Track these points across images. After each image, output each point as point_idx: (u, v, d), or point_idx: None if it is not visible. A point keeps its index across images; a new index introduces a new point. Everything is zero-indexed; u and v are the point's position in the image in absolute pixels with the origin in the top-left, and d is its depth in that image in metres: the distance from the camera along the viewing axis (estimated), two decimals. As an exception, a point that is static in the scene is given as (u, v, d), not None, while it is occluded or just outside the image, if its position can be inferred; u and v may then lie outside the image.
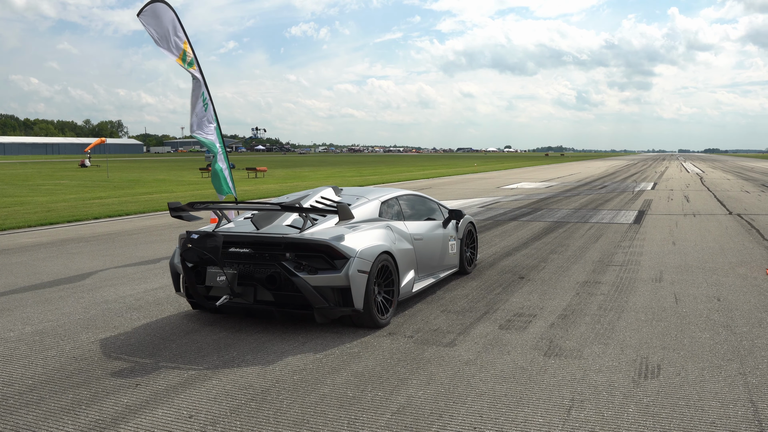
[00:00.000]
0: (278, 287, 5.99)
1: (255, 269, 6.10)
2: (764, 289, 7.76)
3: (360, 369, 5.06)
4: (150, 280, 8.59)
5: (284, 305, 6.06)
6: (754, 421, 4.07)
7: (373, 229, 6.70)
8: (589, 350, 5.47)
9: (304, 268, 5.95)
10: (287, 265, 5.92)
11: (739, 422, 4.05)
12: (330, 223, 6.64)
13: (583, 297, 7.39)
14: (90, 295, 7.69)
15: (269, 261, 6.03)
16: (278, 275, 5.97)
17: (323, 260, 5.98)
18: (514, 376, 4.85)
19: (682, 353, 5.39)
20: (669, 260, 9.77)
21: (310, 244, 6.01)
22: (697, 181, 34.81)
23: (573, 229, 13.64)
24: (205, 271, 6.27)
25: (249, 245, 6.18)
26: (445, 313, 6.75)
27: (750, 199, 21.87)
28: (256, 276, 6.07)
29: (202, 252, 5.95)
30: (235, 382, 4.80)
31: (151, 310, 7.00)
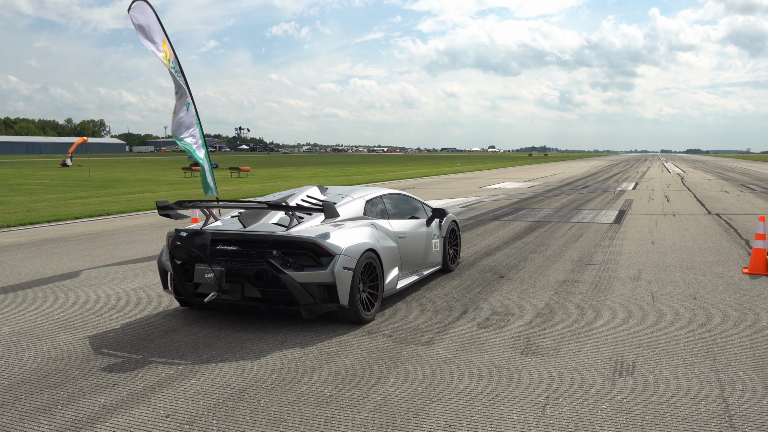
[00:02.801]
0: (265, 284, 6.09)
1: (242, 266, 6.17)
2: (740, 288, 7.87)
3: (338, 368, 5.08)
4: (130, 280, 8.55)
5: (271, 301, 6.17)
6: (724, 416, 4.13)
7: (358, 227, 6.82)
8: (565, 348, 5.53)
9: (290, 265, 6.05)
10: (274, 262, 6.01)
11: (710, 418, 4.11)
12: (316, 221, 6.73)
13: (562, 296, 7.46)
14: (69, 296, 7.65)
15: (256, 258, 6.11)
16: (265, 272, 6.06)
17: (309, 257, 6.09)
18: (491, 375, 4.89)
19: (657, 351, 5.46)
20: (647, 259, 9.87)
21: (296, 242, 6.11)
22: (678, 181, 35.11)
23: (554, 228, 13.73)
24: (194, 268, 6.31)
25: (236, 243, 6.28)
26: (424, 312, 6.78)
27: (729, 199, 22.10)
28: (244, 273, 6.15)
29: (190, 249, 6.03)
30: (213, 381, 4.81)
31: (130, 310, 6.99)
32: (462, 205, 19.29)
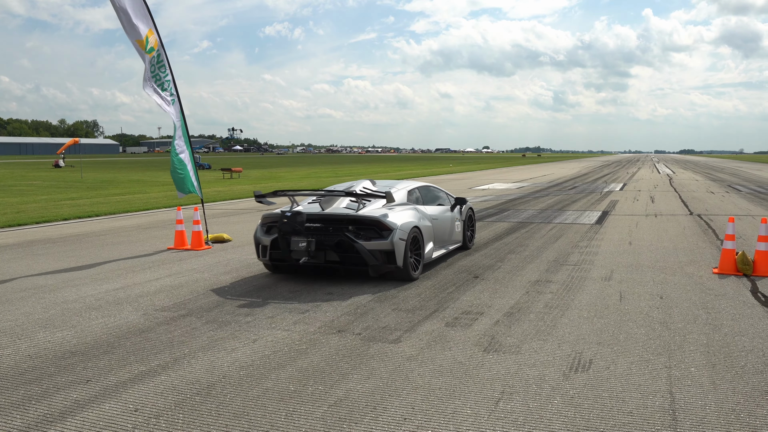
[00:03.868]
0: (343, 251, 8.18)
1: (326, 238, 8.24)
2: (707, 287, 8.07)
3: (305, 365, 5.27)
4: (112, 280, 8.72)
5: (347, 264, 8.29)
6: (669, 410, 4.33)
7: (405, 210, 8.94)
8: (527, 346, 5.72)
9: (361, 236, 8.18)
10: (349, 235, 8.18)
11: (655, 412, 4.31)
12: (377, 205, 8.89)
13: (532, 295, 7.66)
14: (51, 296, 7.82)
15: (336, 232, 8.23)
16: (343, 242, 8.15)
17: (375, 231, 8.20)
18: (451, 371, 5.08)
19: (616, 348, 5.66)
20: (622, 260, 10.08)
21: (366, 220, 8.26)
22: (666, 182, 35.38)
23: (536, 229, 13.93)
24: (290, 239, 8.22)
25: (322, 221, 8.40)
26: (396, 311, 6.97)
27: (713, 199, 22.35)
28: (327, 243, 8.22)
29: (294, 225, 8.08)
30: (183, 378, 4.98)
31: (109, 309, 7.16)
32: (448, 206, 19.48)
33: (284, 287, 8.20)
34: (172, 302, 7.47)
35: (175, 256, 10.67)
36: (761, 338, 5.94)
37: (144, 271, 9.34)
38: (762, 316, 6.71)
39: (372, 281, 8.46)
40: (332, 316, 6.76)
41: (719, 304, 7.21)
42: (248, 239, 12.43)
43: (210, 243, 11.88)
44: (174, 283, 8.50)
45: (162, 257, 10.60)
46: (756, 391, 4.68)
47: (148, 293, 7.92)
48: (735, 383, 4.83)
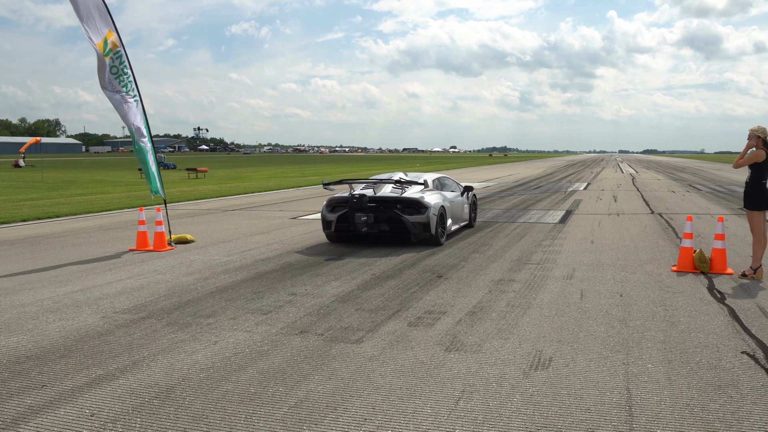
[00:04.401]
0: (393, 223, 11.20)
1: (380, 214, 11.20)
2: (665, 285, 8.21)
3: (266, 366, 5.24)
4: (71, 282, 8.58)
5: (395, 233, 11.30)
6: (625, 406, 4.39)
7: (434, 194, 11.97)
8: (488, 345, 5.76)
9: (405, 212, 11.15)
10: (398, 211, 11.15)
11: (612, 408, 4.37)
12: (414, 189, 11.92)
13: (495, 294, 7.71)
14: (6, 299, 7.67)
15: (388, 209, 11.21)
16: (393, 216, 11.16)
17: (415, 209, 11.17)
18: (413, 371, 5.09)
19: (575, 346, 5.73)
20: (584, 258, 10.20)
21: (409, 200, 11.26)
22: (628, 181, 35.90)
23: (500, 228, 14.03)
24: (354, 215, 11.15)
25: (377, 202, 11.30)
26: (359, 311, 6.96)
27: (674, 199, 22.74)
28: (381, 217, 11.22)
29: (362, 203, 11.06)
30: (142, 381, 4.92)
31: (68, 312, 7.04)
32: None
33: (247, 288, 8.14)
34: (133, 304, 7.37)
35: (136, 258, 10.54)
36: (716, 334, 6.05)
37: (104, 273, 9.20)
38: (717, 313, 6.84)
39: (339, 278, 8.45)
40: (295, 317, 6.73)
41: (677, 301, 7.34)
42: (212, 240, 12.34)
43: (173, 244, 11.76)
44: (135, 285, 8.40)
45: (123, 259, 10.46)
46: (710, 386, 4.77)
47: (108, 295, 7.81)
48: (690, 378, 4.91)
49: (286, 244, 11.84)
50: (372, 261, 9.96)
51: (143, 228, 11.47)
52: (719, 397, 4.56)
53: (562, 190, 27.91)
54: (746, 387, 4.75)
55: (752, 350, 5.62)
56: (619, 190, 27.39)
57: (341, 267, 9.47)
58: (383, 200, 11.27)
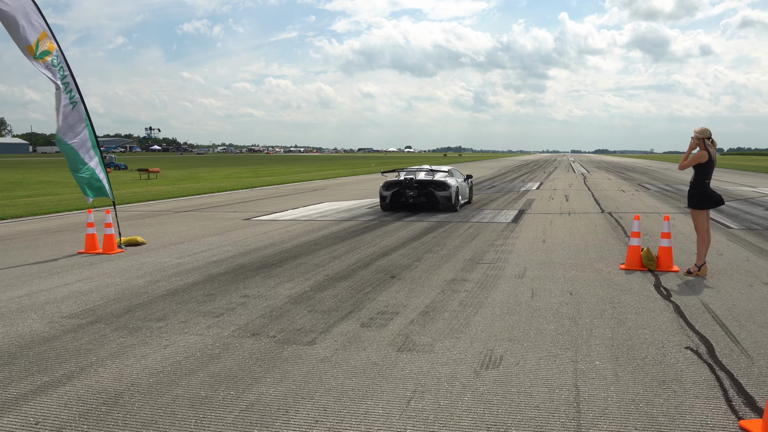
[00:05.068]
0: (428, 197, 16.92)
1: (420, 190, 16.86)
2: (614, 283, 8.38)
3: (217, 370, 5.19)
4: (16, 287, 8.38)
5: (430, 203, 17.04)
6: (573, 403, 4.47)
7: (452, 178, 17.79)
8: (440, 344, 5.80)
9: (437, 189, 16.86)
10: (432, 189, 16.89)
11: (560, 405, 4.44)
12: (440, 175, 17.87)
13: (447, 294, 7.77)
14: (-51, 304, 7.45)
15: (424, 188, 16.93)
16: (429, 192, 16.88)
17: (443, 188, 16.82)
18: (365, 372, 5.11)
19: (526, 344, 5.81)
20: (535, 257, 10.34)
21: (438, 182, 17.07)
22: (580, 181, 36.50)
23: (453, 228, 14.14)
24: (404, 192, 17.01)
25: (418, 183, 17.02)
26: (311, 312, 6.95)
27: (624, 198, 23.20)
28: (421, 193, 17.00)
29: (411, 183, 17.05)
30: (89, 387, 4.83)
31: (12, 318, 6.87)
32: (368, 206, 19.53)
33: (199, 291, 8.05)
34: (81, 309, 7.23)
35: (85, 261, 10.33)
36: (661, 331, 6.20)
37: (51, 277, 9.00)
38: (663, 309, 7.01)
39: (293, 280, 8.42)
40: (247, 320, 6.68)
41: (624, 299, 7.49)
42: (164, 242, 12.17)
43: (123, 246, 11.56)
44: (83, 289, 8.23)
45: (71, 262, 10.25)
46: (654, 381, 4.89)
47: (54, 300, 7.65)
48: (636, 374, 5.03)
49: (239, 245, 11.74)
50: (325, 262, 9.94)
51: (92, 230, 11.25)
52: (663, 392, 4.68)
53: (515, 189, 28.24)
54: (689, 381, 4.89)
55: (695, 345, 5.77)
56: (570, 190, 27.83)
57: (295, 268, 9.43)
58: (422, 182, 17.42)
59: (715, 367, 5.23)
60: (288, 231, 13.77)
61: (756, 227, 14.23)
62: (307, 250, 11.11)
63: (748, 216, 16.66)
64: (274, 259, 10.29)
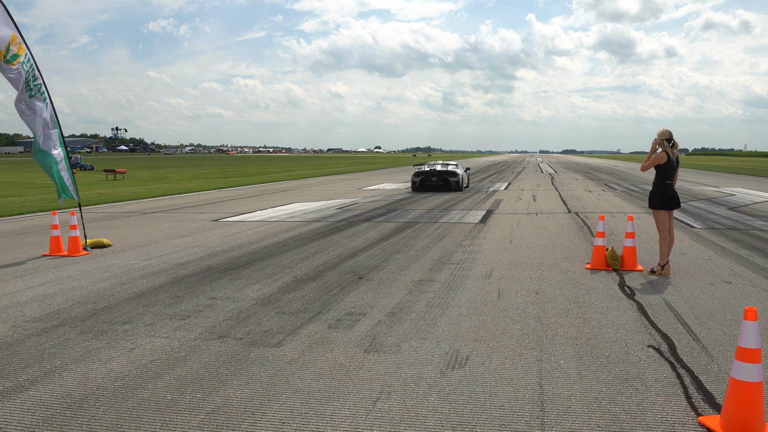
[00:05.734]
0: (445, 182, 26.74)
1: (439, 177, 26.68)
2: (579, 282, 8.49)
3: (183, 373, 5.17)
4: (-22, 290, 8.24)
5: (446, 186, 26.72)
6: (538, 402, 4.54)
7: (459, 168, 28.28)
8: (407, 345, 5.84)
9: (450, 177, 26.72)
10: (447, 176, 26.71)
11: (525, 404, 4.51)
12: (452, 167, 27.81)
13: (415, 295, 7.81)
14: None
15: (442, 176, 26.74)
16: (445, 179, 26.67)
17: (453, 176, 26.80)
18: (332, 373, 5.12)
19: (491, 344, 5.87)
20: (502, 257, 10.44)
21: (450, 172, 26.93)
22: (548, 181, 36.86)
23: (422, 229, 14.20)
24: (430, 179, 26.69)
25: (438, 173, 26.84)
26: (279, 314, 6.94)
27: (591, 198, 23.49)
28: (441, 179, 26.75)
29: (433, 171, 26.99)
30: (53, 392, 4.78)
31: (-26, 322, 6.76)
32: (337, 207, 19.53)
33: (165, 293, 8.00)
34: (45, 312, 7.14)
35: (49, 263, 10.20)
36: (625, 329, 6.31)
37: (15, 280, 8.87)
38: (627, 308, 7.13)
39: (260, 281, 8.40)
40: (214, 322, 6.66)
41: (589, 298, 7.60)
42: (130, 243, 12.04)
43: (88, 248, 11.42)
44: (47, 292, 8.13)
45: (35, 264, 10.10)
46: (617, 379, 4.98)
47: (18, 304, 7.54)
48: (599, 373, 5.12)
49: (207, 247, 11.67)
50: (293, 263, 9.93)
51: (56, 232, 11.11)
52: (626, 390, 4.77)
53: (483, 190, 28.43)
54: (651, 379, 4.98)
55: (658, 344, 5.88)
56: (538, 190, 28.10)
57: (262, 270, 9.41)
58: (440, 172, 26.71)
59: (676, 364, 5.34)
60: (256, 232, 13.72)
61: (718, 227, 14.51)
62: (275, 252, 11.08)
63: (711, 215, 16.98)
64: (242, 260, 10.25)
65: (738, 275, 8.99)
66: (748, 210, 18.71)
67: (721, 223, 15.15)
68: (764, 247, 11.47)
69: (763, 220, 16.03)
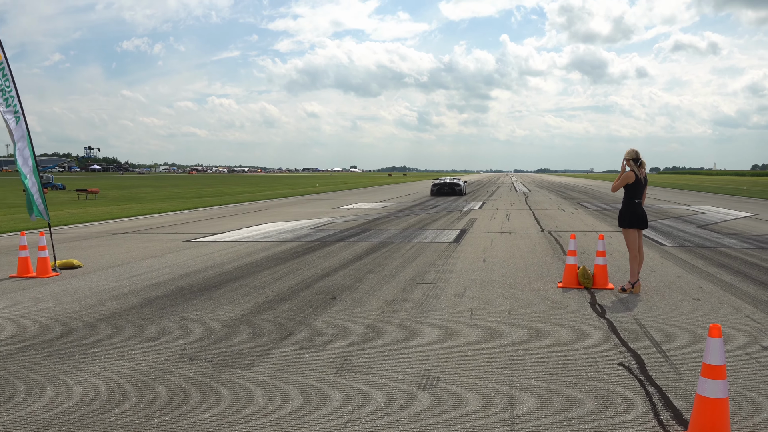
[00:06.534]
0: (453, 191, 43.59)
1: (450, 187, 43.67)
2: (551, 301, 8.54)
3: (152, 396, 5.10)
4: (-57, 313, 8.08)
5: (453, 193, 43.45)
6: (508, 421, 4.55)
7: (461, 182, 45.09)
8: (379, 366, 5.82)
9: (456, 188, 43.63)
10: (454, 186, 43.70)
11: (496, 423, 4.51)
12: (457, 180, 45.65)
13: (387, 315, 7.80)
14: None
15: (451, 186, 43.71)
16: (453, 189, 43.59)
17: (458, 185, 43.96)
18: (303, 395, 5.09)
19: (463, 364, 5.87)
20: (475, 277, 10.47)
21: (456, 183, 44.12)
22: (522, 200, 37.14)
23: (395, 248, 14.21)
24: (444, 188, 43.54)
25: (449, 184, 43.90)
26: (250, 335, 6.89)
27: (563, 217, 23.69)
28: (451, 189, 43.63)
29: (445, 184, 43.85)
30: (17, 418, 4.69)
31: (-63, 346, 6.62)
32: (311, 227, 19.48)
33: (136, 315, 7.91)
34: (11, 335, 7.02)
35: (17, 285, 10.04)
36: (595, 347, 6.36)
37: (-19, 303, 8.72)
38: (597, 327, 7.18)
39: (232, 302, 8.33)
40: (184, 344, 6.59)
41: (561, 317, 7.65)
42: (101, 264, 11.90)
43: (58, 270, 11.27)
44: (14, 315, 8.00)
45: (2, 286, 9.94)
46: (587, 397, 5.00)
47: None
48: (569, 391, 5.14)
49: (179, 267, 11.58)
50: (266, 284, 9.88)
51: (25, 253, 10.96)
52: (596, 408, 4.79)
53: (458, 209, 28.53)
54: (620, 397, 5.02)
55: (627, 362, 5.93)
56: (512, 209, 28.29)
57: (235, 291, 9.35)
58: (450, 184, 43.47)
59: (645, 382, 5.39)
60: (229, 252, 13.64)
61: (688, 244, 14.70)
62: (248, 272, 11.02)
63: (681, 233, 17.20)
64: (214, 281, 10.17)
65: (707, 292, 9.11)
66: (717, 228, 19.00)
67: (691, 241, 15.35)
68: (732, 265, 11.64)
69: (731, 237, 16.27)
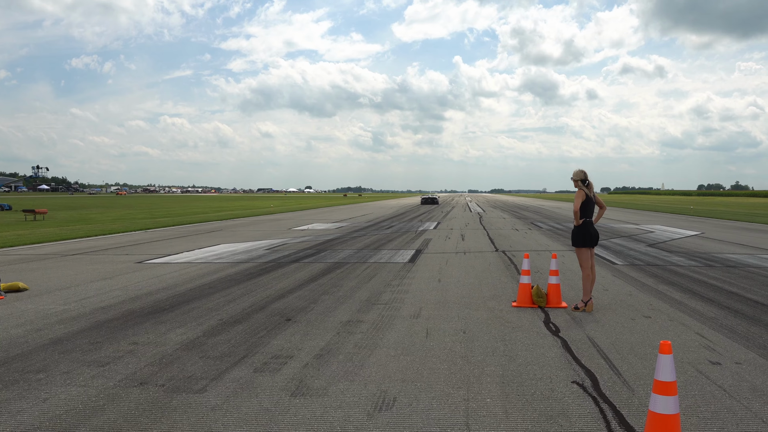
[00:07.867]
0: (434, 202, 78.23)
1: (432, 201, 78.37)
2: (506, 321, 8.59)
3: (100, 423, 4.96)
4: None
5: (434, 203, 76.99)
6: (464, 442, 4.53)
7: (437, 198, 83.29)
8: (334, 388, 5.77)
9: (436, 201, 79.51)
10: (435, 201, 78.43)
11: (451, 445, 4.49)
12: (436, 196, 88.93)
13: (343, 336, 7.74)
14: None
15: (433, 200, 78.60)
16: (434, 202, 78.12)
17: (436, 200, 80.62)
18: (257, 419, 5.00)
19: (419, 384, 5.85)
20: (430, 297, 10.48)
21: (435, 198, 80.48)
22: (476, 220, 37.43)
23: (351, 269, 14.16)
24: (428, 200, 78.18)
25: (432, 198, 79.59)
26: (203, 359, 6.76)
27: (517, 236, 23.95)
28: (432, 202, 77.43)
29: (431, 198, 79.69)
30: (-44, 448, 4.51)
31: None
32: (266, 248, 19.30)
33: (84, 339, 7.69)
34: (-48, 362, 6.76)
35: (-41, 310, 9.69)
36: (549, 366, 6.40)
37: None
38: (552, 345, 7.25)
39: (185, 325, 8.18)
40: (135, 368, 6.43)
41: (515, 336, 7.70)
42: (48, 287, 11.58)
43: (2, 293, 10.93)
44: (-45, 340, 7.71)
45: (-56, 311, 9.59)
46: (542, 416, 5.03)
47: None
48: (525, 410, 5.16)
49: (130, 290, 11.33)
50: (220, 306, 9.73)
51: None
52: (551, 427, 4.81)
53: (413, 230, 28.61)
54: (575, 415, 5.05)
55: (581, 380, 5.98)
56: (467, 229, 28.48)
57: (187, 313, 9.18)
58: (432, 198, 79.45)
59: (599, 399, 5.44)
60: (182, 274, 13.42)
61: (638, 263, 14.98)
62: (201, 294, 10.84)
63: (631, 252, 17.53)
64: (166, 303, 9.98)
65: (657, 310, 9.27)
66: (666, 246, 19.42)
67: (641, 260, 15.65)
68: (681, 282, 11.89)
69: (680, 255, 16.65)
